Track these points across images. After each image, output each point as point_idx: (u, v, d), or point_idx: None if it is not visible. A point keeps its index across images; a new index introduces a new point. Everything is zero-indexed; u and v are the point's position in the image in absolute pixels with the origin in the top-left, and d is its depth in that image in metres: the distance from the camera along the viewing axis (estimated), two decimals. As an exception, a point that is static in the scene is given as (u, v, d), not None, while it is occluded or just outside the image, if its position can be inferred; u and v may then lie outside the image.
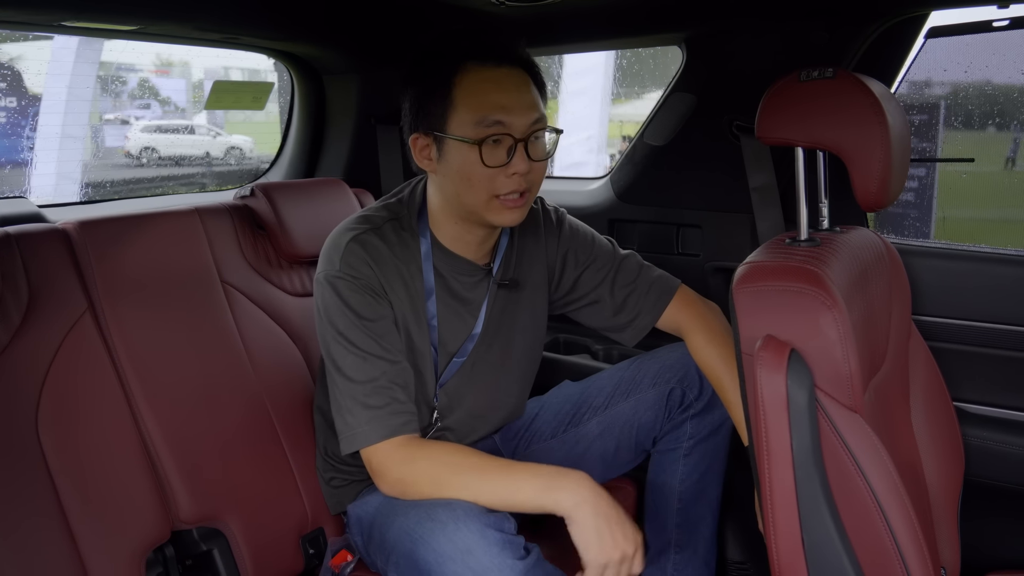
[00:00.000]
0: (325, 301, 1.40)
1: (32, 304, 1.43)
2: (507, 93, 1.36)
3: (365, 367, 1.36)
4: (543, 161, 1.41)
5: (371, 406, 1.34)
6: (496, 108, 1.34)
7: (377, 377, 1.35)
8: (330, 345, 1.39)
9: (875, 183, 1.21)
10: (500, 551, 1.19)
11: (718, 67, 2.00)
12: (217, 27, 1.87)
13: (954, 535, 1.44)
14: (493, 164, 1.35)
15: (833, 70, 1.23)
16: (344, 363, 1.37)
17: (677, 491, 1.66)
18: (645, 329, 1.61)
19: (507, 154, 1.35)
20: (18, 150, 3.99)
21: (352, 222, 1.46)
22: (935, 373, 1.47)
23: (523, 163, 1.36)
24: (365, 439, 1.35)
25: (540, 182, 1.44)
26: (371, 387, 1.35)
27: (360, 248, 1.40)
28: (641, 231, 2.18)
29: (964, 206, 3.09)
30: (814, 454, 1.02)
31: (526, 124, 1.36)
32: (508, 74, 1.37)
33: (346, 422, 1.37)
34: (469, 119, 1.35)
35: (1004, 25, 1.60)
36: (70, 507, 1.37)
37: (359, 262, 1.39)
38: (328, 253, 1.43)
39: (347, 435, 1.36)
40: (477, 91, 1.35)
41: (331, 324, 1.38)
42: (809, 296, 1.03)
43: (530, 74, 1.41)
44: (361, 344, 1.36)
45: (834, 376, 1.03)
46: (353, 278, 1.38)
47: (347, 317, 1.37)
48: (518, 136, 1.35)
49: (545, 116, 1.41)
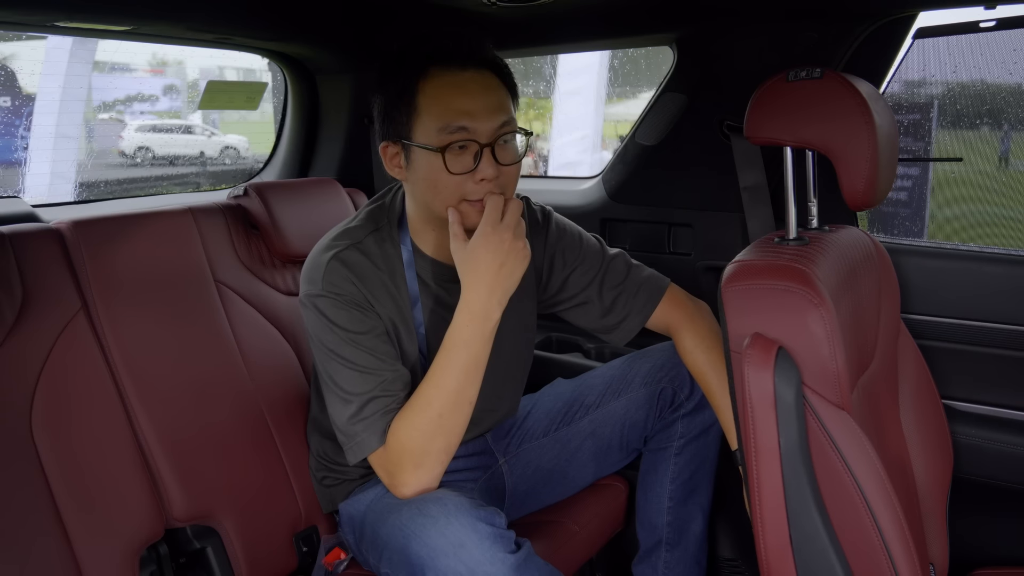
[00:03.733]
0: (312, 322, 1.40)
1: (26, 304, 1.43)
2: (471, 97, 1.33)
3: (361, 380, 1.36)
4: (514, 164, 1.38)
5: (367, 416, 1.35)
6: (459, 114, 1.32)
7: (372, 388, 1.36)
8: (325, 363, 1.39)
9: (862, 182, 1.22)
10: (492, 544, 1.20)
11: (709, 67, 2.01)
12: (210, 27, 1.88)
13: (942, 531, 1.45)
14: (458, 171, 1.33)
15: (821, 70, 1.24)
16: (340, 378, 1.37)
17: (668, 490, 1.67)
18: (634, 330, 1.60)
19: (473, 160, 1.33)
20: (12, 150, 3.98)
21: (332, 239, 1.44)
22: (924, 371, 1.48)
23: (490, 168, 1.33)
24: (367, 447, 1.36)
25: (513, 185, 1.40)
26: (367, 398, 1.35)
27: (341, 266, 1.39)
28: (633, 230, 2.19)
29: (957, 205, 3.11)
30: (802, 451, 1.02)
31: (492, 128, 1.33)
32: (473, 77, 1.34)
33: (346, 434, 1.38)
34: (433, 126, 1.33)
35: (991, 26, 1.61)
36: (64, 505, 1.37)
37: (341, 280, 1.38)
38: (310, 273, 1.42)
39: (349, 446, 1.38)
40: (440, 96, 1.33)
41: (322, 343, 1.38)
42: (797, 294, 1.04)
43: (499, 76, 1.38)
44: (353, 358, 1.36)
45: (822, 374, 1.03)
46: (337, 295, 1.38)
47: (336, 334, 1.37)
48: (483, 141, 1.33)
49: (514, 119, 1.38)
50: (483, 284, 1.32)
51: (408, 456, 1.33)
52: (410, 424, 1.34)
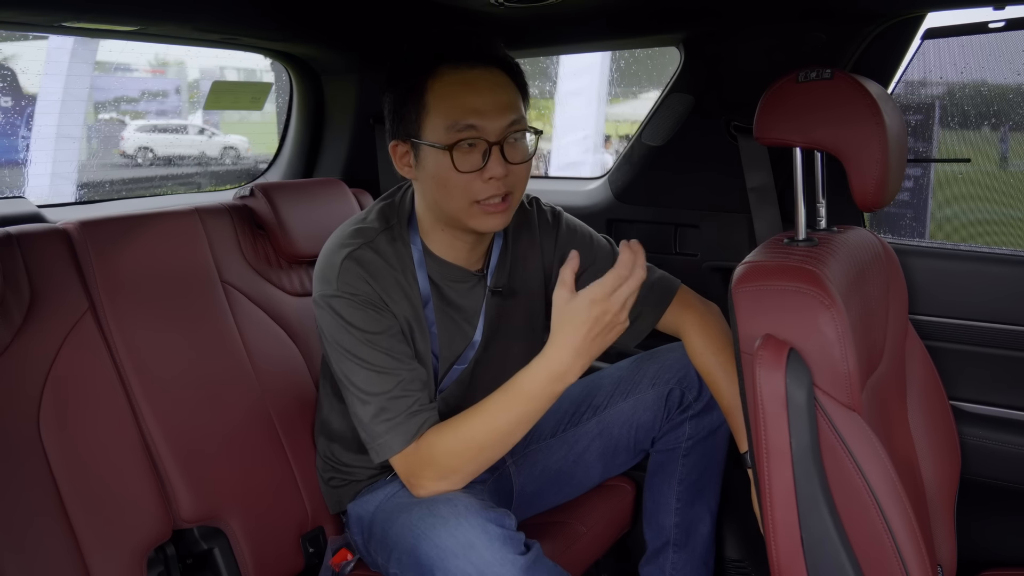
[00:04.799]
0: (327, 323, 1.38)
1: (33, 304, 1.43)
2: (480, 95, 1.33)
3: (379, 380, 1.35)
4: (524, 163, 1.38)
5: (389, 417, 1.34)
6: (468, 111, 1.31)
7: (391, 388, 1.35)
8: (341, 363, 1.38)
9: (872, 183, 1.22)
10: (502, 546, 1.20)
11: (716, 68, 2.01)
12: (216, 28, 1.88)
13: (950, 533, 1.45)
14: (467, 169, 1.32)
15: (831, 71, 1.24)
16: (357, 379, 1.36)
17: (676, 491, 1.67)
18: (644, 332, 1.59)
19: (482, 158, 1.33)
20: (14, 150, 3.98)
21: (346, 237, 1.43)
22: (932, 372, 1.48)
23: (499, 167, 1.32)
24: (389, 449, 1.35)
25: (523, 184, 1.40)
26: (387, 398, 1.34)
27: (356, 265, 1.38)
28: (639, 231, 2.18)
29: (960, 206, 3.11)
30: (813, 453, 1.02)
31: (500, 127, 1.33)
32: (482, 75, 1.34)
33: (369, 434, 1.37)
34: (441, 124, 1.32)
35: (1000, 26, 1.61)
36: (72, 506, 1.37)
37: (356, 280, 1.37)
38: (324, 273, 1.41)
39: (372, 446, 1.37)
40: (449, 94, 1.32)
41: (338, 344, 1.37)
42: (807, 296, 1.04)
43: (509, 74, 1.38)
44: (371, 359, 1.35)
45: (832, 375, 1.03)
46: (352, 295, 1.37)
47: (352, 335, 1.36)
48: (492, 139, 1.32)
49: (524, 117, 1.38)
50: (573, 346, 1.26)
51: (436, 469, 1.33)
52: (448, 444, 1.33)
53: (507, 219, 1.39)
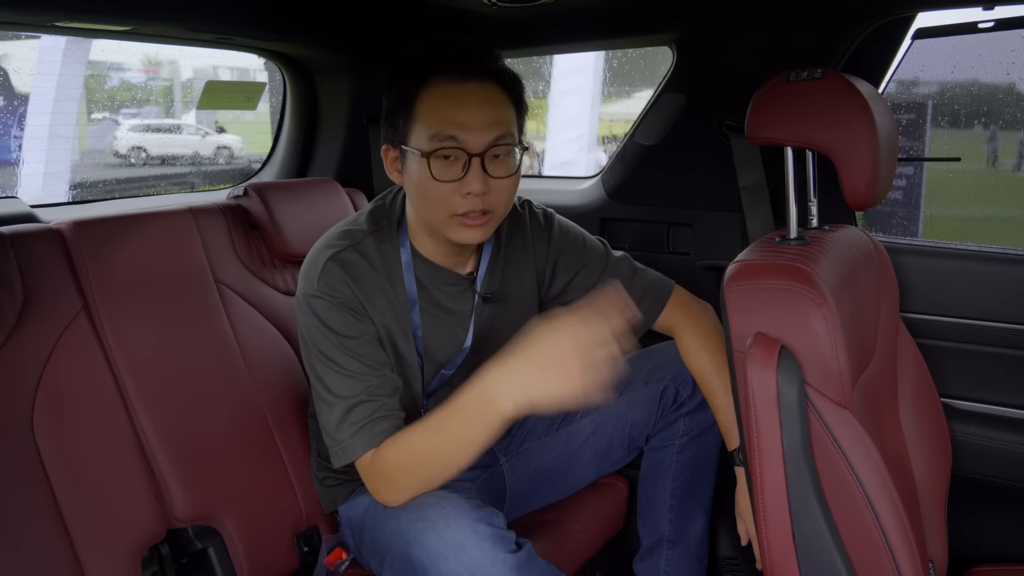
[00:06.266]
0: (305, 321, 1.40)
1: (27, 304, 1.43)
2: (467, 110, 1.32)
3: (347, 384, 1.35)
4: (507, 179, 1.36)
5: (354, 421, 1.34)
6: (451, 124, 1.31)
7: (359, 393, 1.35)
8: (314, 364, 1.39)
9: (863, 182, 1.23)
10: (492, 546, 1.20)
11: (708, 67, 2.01)
12: (210, 27, 1.87)
13: (941, 529, 1.46)
14: (445, 179, 1.31)
15: (822, 71, 1.25)
16: (328, 380, 1.37)
17: (670, 488, 1.68)
18: (638, 333, 1.59)
19: (462, 169, 1.32)
20: (7, 150, 3.97)
21: (334, 238, 1.44)
22: (923, 369, 1.49)
23: (478, 182, 1.31)
24: (352, 452, 1.35)
25: (505, 201, 1.38)
26: (353, 402, 1.35)
27: (338, 267, 1.39)
28: (632, 230, 2.19)
29: (952, 204, 3.12)
30: (804, 450, 1.03)
31: (483, 141, 1.32)
32: (472, 90, 1.33)
33: (332, 437, 1.37)
34: (425, 133, 1.32)
35: (990, 26, 1.62)
36: (66, 506, 1.37)
37: (337, 281, 1.38)
38: (307, 272, 1.42)
39: (335, 449, 1.37)
40: (436, 106, 1.32)
41: (313, 344, 1.38)
42: (799, 294, 1.05)
43: (504, 88, 1.37)
44: (342, 362, 1.36)
45: (824, 373, 1.04)
46: (331, 296, 1.37)
47: (327, 337, 1.36)
48: (473, 152, 1.31)
49: (513, 133, 1.36)
50: (517, 381, 1.18)
51: (390, 483, 1.33)
52: (397, 458, 1.32)
53: (487, 233, 1.38)
